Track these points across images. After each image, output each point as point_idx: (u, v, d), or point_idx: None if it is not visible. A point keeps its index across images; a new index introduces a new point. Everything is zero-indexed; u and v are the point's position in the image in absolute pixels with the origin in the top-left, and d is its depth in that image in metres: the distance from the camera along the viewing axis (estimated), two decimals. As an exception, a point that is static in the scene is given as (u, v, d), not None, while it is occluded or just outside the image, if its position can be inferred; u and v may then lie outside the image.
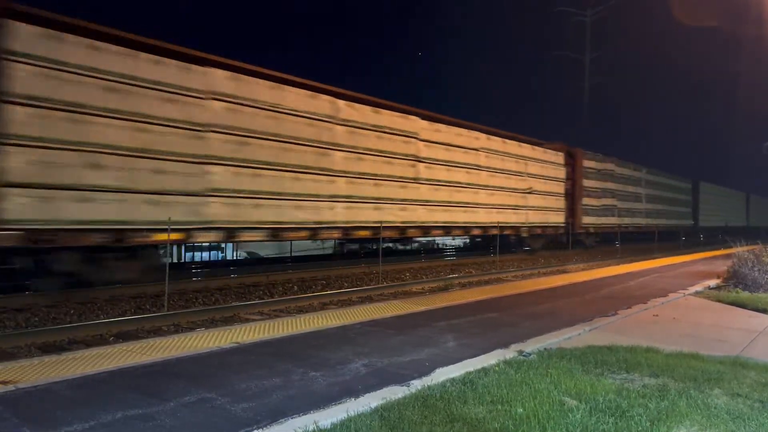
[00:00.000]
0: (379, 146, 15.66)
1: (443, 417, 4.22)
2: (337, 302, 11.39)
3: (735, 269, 13.37)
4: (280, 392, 4.85)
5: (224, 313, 9.86)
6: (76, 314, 9.43)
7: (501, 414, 4.30)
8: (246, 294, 12.04)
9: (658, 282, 14.01)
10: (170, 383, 5.03)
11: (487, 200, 20.42)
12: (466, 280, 15.47)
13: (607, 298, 11.09)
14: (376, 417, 4.20)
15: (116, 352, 6.10)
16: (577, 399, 4.69)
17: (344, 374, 5.44)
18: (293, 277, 14.34)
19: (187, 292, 11.66)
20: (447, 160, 18.42)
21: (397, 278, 15.44)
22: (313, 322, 8.02)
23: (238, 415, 4.29)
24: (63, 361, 5.72)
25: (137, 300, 10.68)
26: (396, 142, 16.28)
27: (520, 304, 9.99)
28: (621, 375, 5.52)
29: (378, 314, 8.74)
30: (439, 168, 18.05)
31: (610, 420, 4.19)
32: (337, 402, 4.60)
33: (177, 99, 10.99)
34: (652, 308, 9.88)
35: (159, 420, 4.16)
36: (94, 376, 5.17)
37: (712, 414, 4.42)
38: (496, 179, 21.03)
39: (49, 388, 4.82)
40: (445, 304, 9.77)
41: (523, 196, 22.71)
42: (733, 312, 9.76)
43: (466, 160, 19.32)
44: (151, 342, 6.73)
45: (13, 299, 9.73)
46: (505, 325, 8.04)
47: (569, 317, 8.70)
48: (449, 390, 4.87)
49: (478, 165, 19.98)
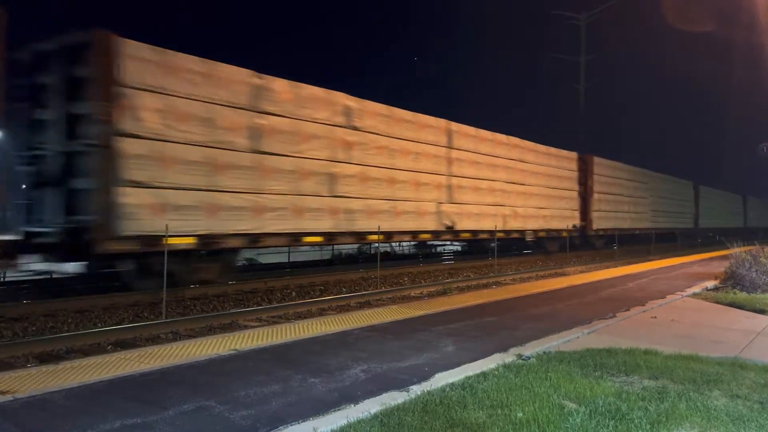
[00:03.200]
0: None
1: (443, 422, 4.21)
2: (336, 308, 11.37)
3: (732, 270, 13.38)
4: (279, 399, 4.84)
5: (222, 320, 9.83)
6: (74, 323, 9.39)
7: (501, 418, 4.29)
8: (244, 301, 12.02)
9: (657, 284, 14.03)
10: (169, 391, 5.01)
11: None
12: (464, 283, 15.46)
13: (606, 300, 11.10)
14: (375, 423, 4.19)
15: (114, 361, 6.08)
16: (577, 402, 4.68)
17: (343, 380, 5.43)
18: (291, 283, 14.32)
19: (185, 299, 11.63)
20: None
21: (396, 283, 15.43)
22: (312, 328, 8.01)
23: (237, 423, 4.27)
24: (61, 370, 5.70)
25: (135, 308, 10.65)
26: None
27: (518, 308, 9.99)
28: (620, 377, 5.52)
29: (377, 319, 8.73)
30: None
31: (610, 423, 4.19)
32: (336, 408, 4.59)
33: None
34: (650, 310, 9.89)
35: (158, 429, 4.14)
36: (92, 386, 5.15)
37: (711, 416, 4.41)
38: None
39: (47, 398, 4.79)
40: (444, 309, 9.76)
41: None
42: (731, 313, 9.77)
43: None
44: (149, 350, 6.71)
45: (9, 308, 9.71)
46: (504, 329, 8.04)
47: (568, 320, 8.70)
48: (449, 395, 4.86)
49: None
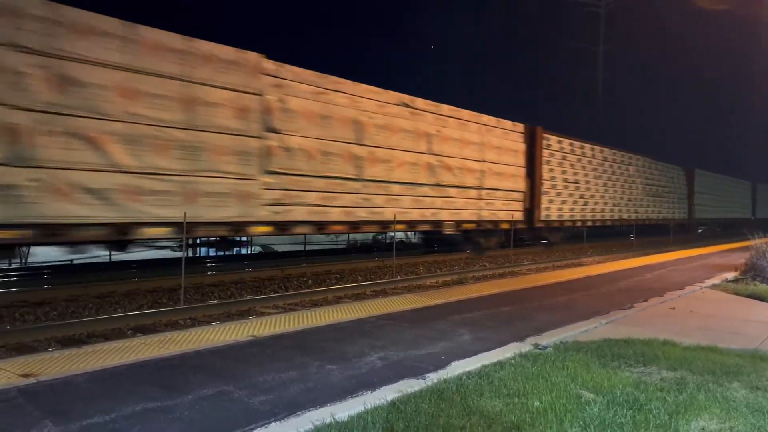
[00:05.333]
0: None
1: (460, 410, 4.22)
2: (352, 296, 11.42)
3: (753, 262, 13.21)
4: (297, 385, 4.88)
5: (240, 307, 9.93)
6: (94, 308, 9.54)
7: (518, 407, 4.30)
8: (261, 288, 12.11)
9: (675, 275, 13.89)
10: (189, 376, 5.07)
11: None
12: (480, 273, 15.43)
13: (624, 291, 11.02)
14: (392, 410, 4.21)
15: (135, 346, 6.17)
16: (594, 392, 4.67)
17: (360, 367, 5.46)
18: (308, 271, 14.40)
19: (203, 286, 11.75)
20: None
21: (411, 272, 15.44)
22: (329, 316, 8.05)
23: (256, 408, 4.33)
24: (82, 354, 5.79)
25: (154, 294, 10.79)
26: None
27: (535, 298, 9.95)
28: (638, 368, 5.49)
29: (392, 308, 8.76)
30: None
31: (627, 413, 4.17)
32: (353, 395, 4.62)
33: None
34: (668, 301, 9.80)
35: (178, 412, 4.21)
36: (113, 369, 5.24)
37: (731, 407, 4.38)
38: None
39: (69, 381, 4.88)
40: (460, 298, 9.76)
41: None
42: (750, 305, 9.66)
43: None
44: (168, 335, 6.80)
45: (31, 293, 9.89)
46: (520, 319, 8.02)
47: (585, 310, 8.66)
48: (465, 383, 4.87)
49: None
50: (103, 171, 9.23)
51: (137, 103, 9.63)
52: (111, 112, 9.27)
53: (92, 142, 9.08)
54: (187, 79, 10.31)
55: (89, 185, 9.09)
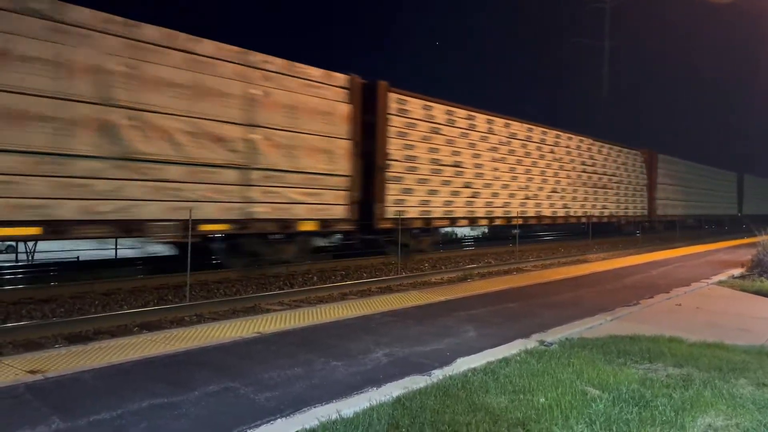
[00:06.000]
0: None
1: (465, 406, 4.23)
2: (357, 292, 11.43)
3: (759, 258, 13.15)
4: (302, 381, 4.90)
5: (245, 304, 9.95)
6: (100, 305, 9.58)
7: (523, 403, 4.30)
8: (266, 285, 12.13)
9: (681, 271, 13.85)
10: (194, 372, 5.09)
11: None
12: (485, 270, 15.42)
13: (629, 287, 10.99)
14: (398, 406, 4.22)
15: (141, 342, 6.20)
16: (600, 389, 4.66)
17: (365, 364, 5.47)
18: (312, 268, 14.40)
19: (208, 283, 11.78)
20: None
21: (416, 269, 15.44)
22: (334, 313, 8.06)
23: (261, 404, 4.34)
24: (89, 351, 5.82)
25: (159, 291, 10.82)
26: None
27: (540, 294, 9.94)
28: (644, 365, 5.48)
29: (398, 304, 8.76)
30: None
31: (633, 410, 4.17)
32: (359, 391, 4.63)
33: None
34: (674, 297, 9.77)
35: (184, 409, 4.23)
36: (120, 366, 5.26)
37: (737, 404, 4.37)
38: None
39: (76, 378, 4.91)
40: (465, 294, 9.76)
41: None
42: (757, 301, 9.63)
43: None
44: (174, 332, 6.82)
45: (38, 290, 9.94)
46: (525, 315, 8.01)
47: (591, 307, 8.65)
48: (471, 379, 4.87)
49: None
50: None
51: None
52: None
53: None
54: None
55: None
